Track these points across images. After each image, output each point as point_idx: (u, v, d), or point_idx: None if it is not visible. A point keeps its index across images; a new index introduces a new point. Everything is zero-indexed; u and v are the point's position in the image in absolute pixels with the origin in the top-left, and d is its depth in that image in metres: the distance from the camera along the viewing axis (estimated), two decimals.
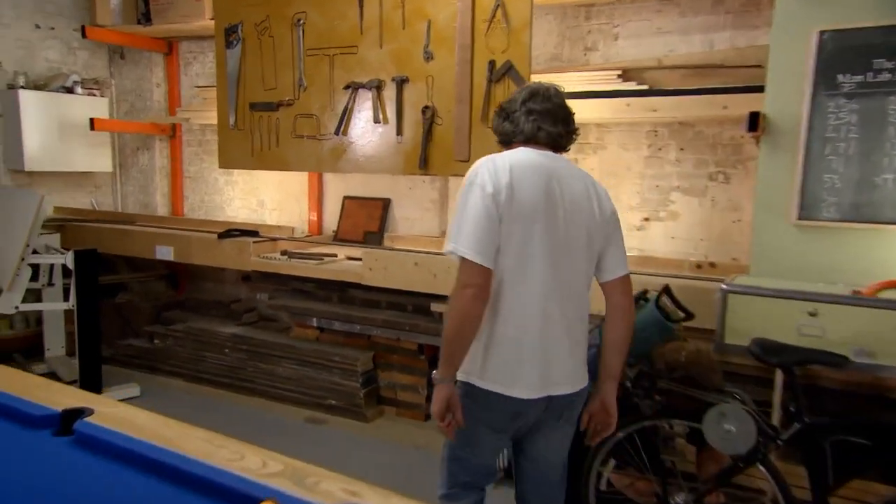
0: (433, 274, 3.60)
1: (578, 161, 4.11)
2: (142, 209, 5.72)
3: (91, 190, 5.68)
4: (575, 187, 1.87)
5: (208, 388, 4.53)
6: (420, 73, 3.75)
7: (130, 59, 5.63)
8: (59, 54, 5.40)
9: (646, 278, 3.22)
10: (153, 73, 5.55)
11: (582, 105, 3.69)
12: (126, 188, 5.80)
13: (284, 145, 4.23)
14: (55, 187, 5.45)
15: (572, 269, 1.85)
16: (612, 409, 1.96)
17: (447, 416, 1.80)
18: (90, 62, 5.58)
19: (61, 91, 5.17)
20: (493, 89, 3.55)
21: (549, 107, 1.92)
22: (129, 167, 5.76)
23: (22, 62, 5.17)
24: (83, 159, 5.30)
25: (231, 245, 4.23)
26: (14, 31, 5.14)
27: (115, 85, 5.69)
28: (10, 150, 5.06)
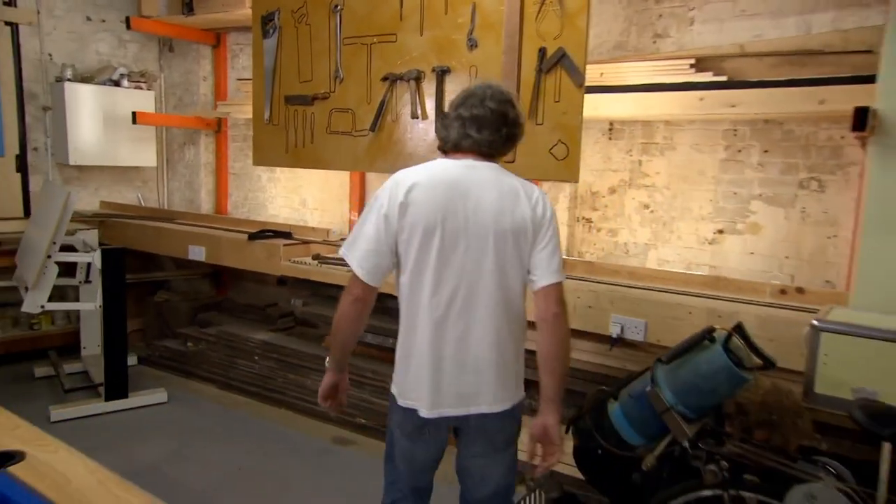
0: None
1: (642, 164, 3.61)
2: (187, 205, 5.59)
3: (138, 185, 5.59)
4: (486, 197, 1.80)
5: (238, 395, 4.31)
6: (463, 62, 3.35)
7: (179, 51, 5.50)
8: (110, 47, 5.33)
9: (715, 304, 2.71)
10: (200, 66, 5.40)
11: (647, 99, 3.21)
12: (172, 184, 5.68)
13: (319, 142, 3.93)
14: (103, 182, 5.39)
15: (483, 282, 1.79)
16: (553, 434, 1.83)
17: (329, 399, 2.01)
18: (140, 55, 5.49)
19: (108, 84, 5.09)
20: (543, 80, 3.11)
21: (479, 112, 1.84)
22: (175, 162, 5.65)
23: (73, 55, 5.11)
24: (129, 154, 5.20)
25: (261, 247, 3.97)
26: (65, 24, 5.08)
27: (165, 78, 5.57)
28: (58, 145, 5.01)
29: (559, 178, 3.14)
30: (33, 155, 4.98)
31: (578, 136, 3.04)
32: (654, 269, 3.29)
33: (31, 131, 4.93)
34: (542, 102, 3.12)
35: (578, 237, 3.91)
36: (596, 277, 3.22)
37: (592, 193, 3.83)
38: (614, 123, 3.71)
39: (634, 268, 3.31)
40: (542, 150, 3.13)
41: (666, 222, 3.59)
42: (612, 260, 3.76)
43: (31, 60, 4.91)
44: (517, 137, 1.92)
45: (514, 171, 3.02)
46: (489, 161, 1.88)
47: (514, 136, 1.90)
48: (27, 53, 4.88)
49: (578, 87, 3.02)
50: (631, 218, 3.71)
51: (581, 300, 2.97)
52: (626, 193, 3.70)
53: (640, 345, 2.89)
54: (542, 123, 3.13)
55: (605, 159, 3.76)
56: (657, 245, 3.63)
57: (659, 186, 3.59)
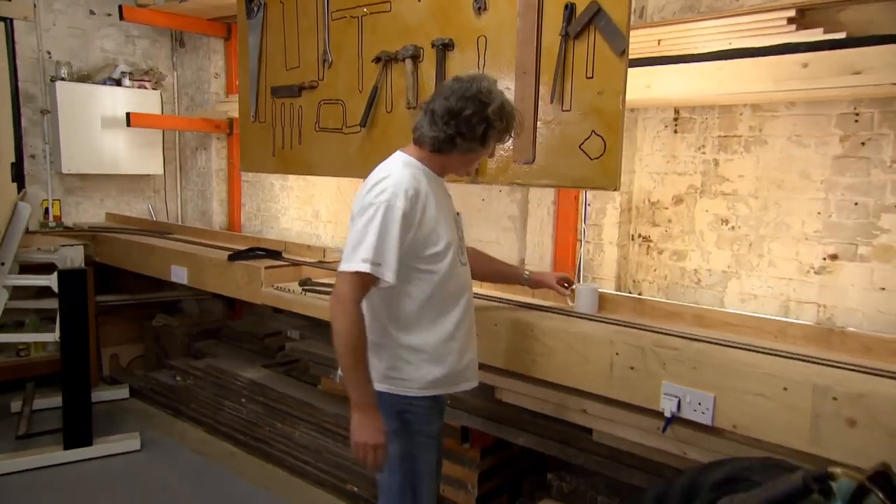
0: (493, 323, 2.37)
1: (719, 164, 2.66)
2: (199, 217, 5.04)
3: (149, 195, 5.10)
4: None
5: (224, 442, 3.66)
6: (469, 32, 2.53)
7: (190, 46, 4.96)
8: (116, 44, 4.86)
9: (828, 374, 1.76)
10: (212, 62, 4.83)
11: (725, 72, 2.26)
12: (186, 193, 5.16)
13: (308, 142, 3.22)
14: (109, 192, 4.93)
15: None
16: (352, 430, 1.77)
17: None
18: (151, 52, 5.00)
19: (109, 84, 4.61)
20: (570, 49, 2.24)
21: (433, 106, 1.82)
22: (188, 169, 5.12)
23: (75, 53, 4.67)
24: (133, 161, 4.70)
25: (242, 270, 3.30)
26: (66, 19, 4.65)
27: (178, 77, 5.06)
28: (57, 151, 4.57)
29: (592, 184, 2.26)
30: (30, 163, 4.55)
31: (619, 125, 2.15)
32: (732, 314, 2.31)
33: (28, 137, 4.51)
34: (570, 79, 2.25)
35: (633, 261, 2.98)
36: (645, 322, 2.30)
37: (651, 204, 2.90)
38: (680, 111, 2.77)
39: (702, 309, 2.35)
40: (570, 146, 2.26)
41: (753, 243, 2.62)
42: (678, 292, 2.82)
43: (27, 59, 4.50)
44: (446, 134, 1.80)
45: (532, 175, 2.16)
46: (420, 151, 1.86)
47: (451, 136, 1.80)
48: (23, 52, 4.46)
49: (619, 55, 2.13)
50: (704, 236, 2.76)
51: (620, 358, 2.07)
52: (698, 204, 2.76)
53: (706, 429, 1.96)
54: (568, 109, 2.26)
55: (669, 158, 2.82)
56: (740, 274, 2.66)
57: (743, 194, 2.62)
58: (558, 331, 2.22)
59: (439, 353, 1.86)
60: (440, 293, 1.84)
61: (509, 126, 1.85)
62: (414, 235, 1.76)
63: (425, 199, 1.79)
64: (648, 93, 2.36)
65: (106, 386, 4.38)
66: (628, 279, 3.01)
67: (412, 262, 1.79)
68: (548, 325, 2.27)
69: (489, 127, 1.79)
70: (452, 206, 2.01)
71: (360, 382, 1.75)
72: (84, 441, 3.37)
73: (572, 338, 2.18)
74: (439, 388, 1.89)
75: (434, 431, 1.95)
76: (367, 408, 1.75)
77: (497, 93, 1.81)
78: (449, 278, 1.84)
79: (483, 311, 2.44)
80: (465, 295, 1.92)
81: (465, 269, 1.95)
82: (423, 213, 1.78)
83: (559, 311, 2.47)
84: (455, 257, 1.86)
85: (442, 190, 1.93)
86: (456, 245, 1.88)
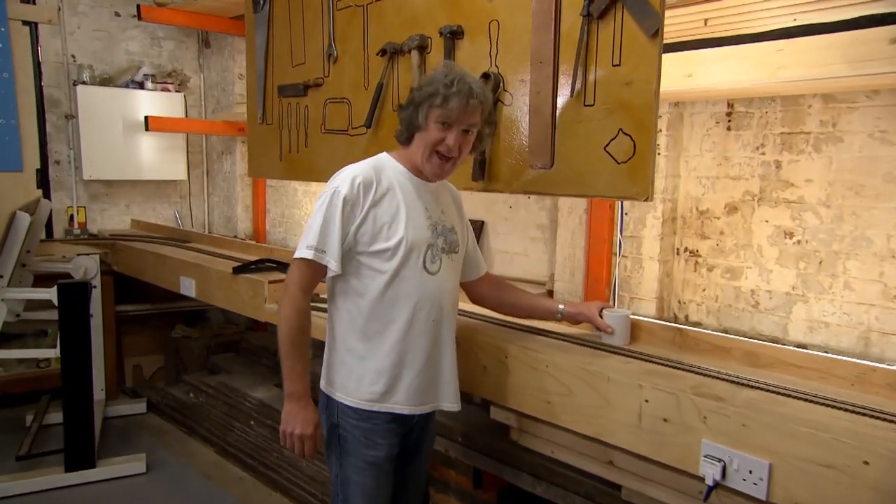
0: (504, 355, 2.03)
1: (781, 166, 2.24)
2: (224, 223, 4.87)
3: (176, 201, 4.96)
4: None
5: (234, 466, 3.43)
6: (479, 17, 2.19)
7: (216, 47, 4.80)
8: (142, 46, 4.74)
9: None
10: (236, 63, 4.65)
11: (790, 54, 1.85)
12: (212, 199, 5.00)
13: (314, 145, 2.94)
14: (134, 199, 4.81)
15: None
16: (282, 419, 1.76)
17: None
18: (177, 54, 4.86)
19: (131, 87, 4.48)
20: (593, 32, 1.87)
21: None
22: (214, 174, 4.96)
23: (99, 56, 4.57)
24: (156, 166, 4.57)
25: (246, 284, 3.05)
26: (90, 21, 4.55)
27: (204, 79, 4.90)
28: (80, 157, 4.47)
29: (619, 192, 1.87)
30: (55, 169, 4.47)
31: (652, 122, 1.77)
32: (796, 353, 1.86)
33: (52, 142, 4.43)
34: (594, 68, 1.88)
35: (678, 279, 2.57)
36: (683, 360, 1.90)
37: (700, 213, 2.49)
38: (735, 104, 2.35)
39: (757, 345, 1.92)
40: (593, 148, 1.90)
41: (824, 260, 2.18)
42: (731, 316, 2.40)
43: (52, 63, 4.41)
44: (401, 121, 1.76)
45: (550, 181, 1.81)
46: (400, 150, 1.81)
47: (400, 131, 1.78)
48: (48, 55, 4.39)
49: (651, 37, 1.75)
50: (763, 251, 2.33)
51: (651, 406, 1.68)
52: (756, 213, 2.34)
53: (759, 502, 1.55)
54: (592, 104, 1.89)
55: (721, 160, 2.41)
56: (807, 297, 2.22)
57: (811, 202, 2.19)
58: (577, 367, 1.85)
59: (380, 365, 1.73)
60: (390, 296, 1.70)
61: (445, 97, 1.63)
62: (360, 226, 1.68)
63: (384, 191, 1.70)
64: (690, 83, 1.97)
65: (125, 399, 4.25)
66: (672, 300, 2.60)
67: (360, 255, 1.70)
68: (565, 359, 1.91)
69: (417, 96, 1.68)
70: (441, 211, 1.80)
71: (295, 373, 1.70)
72: (86, 463, 3.20)
73: (593, 377, 1.81)
74: (373, 404, 1.74)
75: (371, 458, 1.77)
76: (299, 398, 1.71)
77: (450, 70, 1.70)
78: (400, 281, 1.70)
79: (489, 338, 2.09)
80: (422, 305, 1.73)
81: (432, 279, 1.73)
82: (376, 204, 1.68)
83: (581, 342, 2.10)
84: (414, 261, 1.71)
85: (423, 190, 1.78)
86: (420, 248, 1.72)
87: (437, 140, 1.68)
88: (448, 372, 1.84)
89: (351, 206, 1.66)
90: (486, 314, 2.43)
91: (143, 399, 4.15)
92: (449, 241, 1.80)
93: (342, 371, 1.77)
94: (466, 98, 1.64)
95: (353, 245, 1.69)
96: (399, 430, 1.81)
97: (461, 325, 2.26)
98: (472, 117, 1.68)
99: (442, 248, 1.77)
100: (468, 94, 1.64)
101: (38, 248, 3.87)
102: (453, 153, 1.70)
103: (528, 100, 2.05)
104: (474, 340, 2.12)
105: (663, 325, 2.10)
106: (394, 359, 1.73)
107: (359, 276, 1.71)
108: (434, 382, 1.81)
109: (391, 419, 1.77)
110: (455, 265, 1.84)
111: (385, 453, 1.79)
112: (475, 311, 2.47)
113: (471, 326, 2.27)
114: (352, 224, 1.67)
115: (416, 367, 1.76)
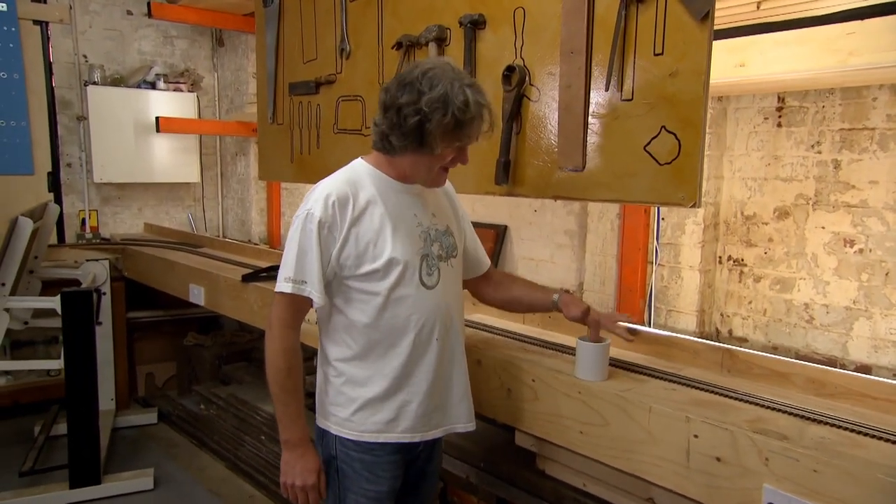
0: (531, 378, 1.82)
1: (840, 166, 2.01)
2: (239, 227, 4.73)
3: (189, 204, 4.83)
4: None
5: (245, 482, 3.26)
6: (503, 4, 1.99)
7: (230, 45, 4.66)
8: (154, 45, 4.62)
9: None
10: (250, 61, 4.50)
11: (852, 39, 1.63)
12: (227, 202, 4.86)
13: (326, 145, 2.77)
14: (147, 202, 4.69)
15: None
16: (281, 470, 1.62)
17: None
18: (190, 53, 4.73)
19: (143, 87, 4.35)
20: (632, 17, 1.66)
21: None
22: (228, 176, 4.82)
23: (111, 55, 4.45)
24: (169, 169, 4.44)
25: (256, 292, 2.89)
26: (102, 20, 4.44)
27: (218, 78, 4.76)
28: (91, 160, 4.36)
29: (662, 198, 1.66)
30: (67, 172, 4.37)
31: (701, 118, 1.55)
32: (873, 381, 1.61)
33: (64, 145, 4.32)
34: (632, 57, 1.67)
35: (720, 290, 2.35)
36: (737, 389, 1.67)
37: (746, 218, 2.26)
38: (786, 97, 2.12)
39: (823, 371, 1.68)
40: (632, 148, 1.69)
41: (891, 272, 1.95)
42: (782, 332, 2.17)
43: (63, 64, 4.31)
44: (388, 124, 1.48)
45: (582, 186, 1.60)
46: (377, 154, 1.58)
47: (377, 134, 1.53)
48: (59, 56, 4.29)
49: (701, 21, 1.54)
50: (818, 261, 2.10)
51: (701, 442, 1.47)
52: (810, 218, 2.11)
53: None
54: (630, 98, 1.68)
55: (770, 160, 2.18)
56: (871, 312, 1.99)
57: (876, 206, 1.96)
58: (614, 395, 1.64)
59: (382, 393, 1.56)
60: (387, 319, 1.54)
61: (462, 122, 1.41)
62: (342, 249, 1.50)
63: (363, 206, 1.51)
64: (742, 73, 1.75)
65: (137, 409, 4.11)
66: (714, 313, 2.38)
67: (348, 280, 1.53)
68: (600, 385, 1.70)
69: (424, 120, 1.41)
70: (431, 213, 1.61)
71: (288, 418, 1.55)
72: (91, 479, 3.06)
73: (633, 406, 1.60)
74: (377, 435, 1.58)
75: (373, 493, 1.61)
76: (296, 445, 1.57)
77: (446, 80, 1.41)
78: (396, 302, 1.53)
79: (514, 359, 1.89)
80: (423, 323, 1.56)
81: (430, 293, 1.57)
82: (356, 223, 1.50)
83: (620, 364, 1.89)
84: (409, 278, 1.53)
85: (409, 194, 1.58)
86: (414, 262, 1.54)
87: (451, 162, 1.52)
88: (459, 389, 1.67)
89: (328, 229, 1.48)
90: (511, 329, 2.23)
91: (154, 409, 4.01)
92: (445, 246, 1.62)
93: (339, 402, 1.60)
94: (483, 120, 1.46)
95: (338, 270, 1.52)
96: (403, 461, 1.65)
97: (482, 342, 2.07)
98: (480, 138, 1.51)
99: (438, 257, 1.59)
100: (485, 116, 1.46)
101: (48, 253, 3.76)
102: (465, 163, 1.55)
103: (557, 95, 1.85)
104: (497, 360, 1.92)
105: (710, 345, 1.88)
106: (398, 385, 1.56)
107: (350, 302, 1.55)
108: (444, 403, 1.65)
109: (396, 449, 1.61)
110: (455, 271, 1.66)
111: (388, 487, 1.63)
112: (497, 326, 2.27)
113: (493, 343, 2.08)
114: (332, 248, 1.49)
115: (422, 391, 1.59)
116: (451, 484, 2.52)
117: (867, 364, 1.99)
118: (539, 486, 2.03)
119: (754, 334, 2.28)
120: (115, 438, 3.69)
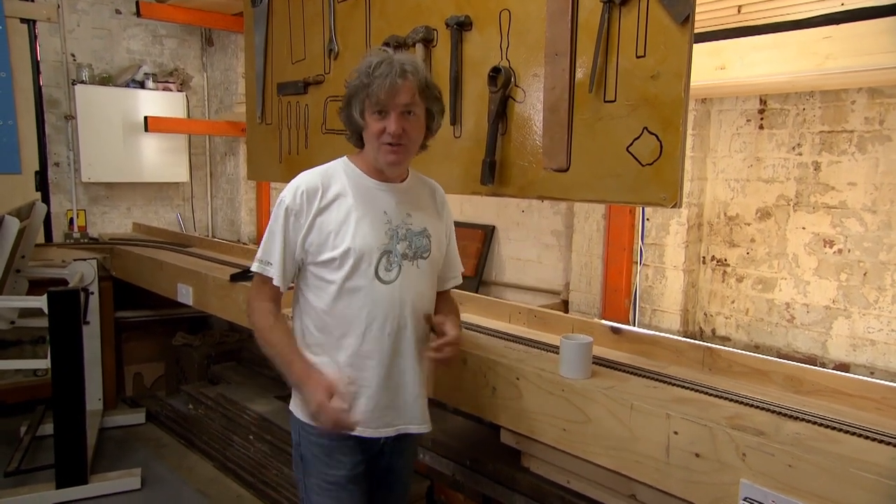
0: (515, 376, 1.84)
1: (821, 168, 2.05)
2: (228, 227, 4.73)
3: (178, 204, 4.82)
4: None
5: (233, 482, 3.26)
6: (489, 6, 2.02)
7: (219, 45, 4.65)
8: (143, 44, 4.60)
9: None
10: (239, 61, 4.50)
11: (833, 43, 1.66)
12: (216, 201, 4.85)
13: (314, 146, 2.78)
14: (135, 201, 4.68)
15: None
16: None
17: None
18: (179, 52, 4.72)
19: (132, 86, 4.34)
20: (615, 19, 1.69)
21: None
22: (217, 176, 4.81)
23: (100, 55, 4.44)
24: (157, 168, 4.43)
25: (243, 292, 2.89)
26: (90, 19, 4.42)
27: (208, 78, 4.76)
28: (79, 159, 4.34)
29: (644, 198, 1.68)
30: (55, 171, 4.35)
31: (681, 119, 1.58)
32: (849, 379, 1.64)
33: (51, 144, 4.30)
34: (615, 60, 1.69)
35: (704, 290, 2.38)
36: (717, 386, 1.70)
37: (729, 219, 2.29)
38: (768, 100, 2.16)
39: (801, 369, 1.71)
40: (614, 148, 1.71)
41: (869, 272, 1.98)
42: (764, 331, 2.20)
43: (51, 63, 4.29)
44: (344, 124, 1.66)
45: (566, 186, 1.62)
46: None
47: None
48: (47, 54, 4.27)
49: (681, 24, 1.56)
50: (799, 261, 2.13)
51: (681, 438, 1.50)
52: (791, 219, 2.14)
53: None
54: (613, 99, 1.71)
55: (752, 162, 2.21)
56: (850, 311, 2.02)
57: (855, 208, 1.99)
58: (596, 392, 1.67)
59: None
60: (339, 308, 1.59)
61: (368, 84, 1.51)
62: (307, 235, 1.58)
63: (332, 197, 1.58)
64: (722, 76, 1.78)
65: (124, 409, 4.10)
66: (698, 312, 2.41)
67: (310, 266, 1.61)
68: (583, 383, 1.72)
69: (350, 96, 1.57)
70: (406, 213, 1.64)
71: (284, 366, 1.60)
72: (78, 479, 3.05)
73: (614, 404, 1.62)
74: None
75: (332, 478, 1.63)
76: (298, 385, 1.60)
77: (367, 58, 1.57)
78: (349, 292, 1.57)
79: (499, 357, 1.91)
80: (374, 316, 1.59)
81: (385, 288, 1.60)
82: (322, 212, 1.57)
83: (603, 363, 1.91)
84: (364, 269, 1.57)
85: (384, 192, 1.63)
86: (372, 256, 1.58)
87: (379, 131, 1.55)
88: (411, 390, 1.67)
89: (295, 216, 1.58)
90: (496, 328, 2.25)
91: (142, 409, 4.00)
92: (415, 246, 1.64)
93: None
94: (392, 79, 1.50)
95: (304, 256, 1.61)
96: (363, 449, 1.66)
97: (467, 341, 2.08)
98: (404, 97, 1.52)
99: (403, 255, 1.62)
100: (393, 74, 1.50)
101: (36, 252, 3.75)
102: (401, 140, 1.55)
103: (542, 96, 1.87)
104: (482, 359, 1.94)
105: (692, 343, 1.91)
106: (347, 376, 1.59)
107: (311, 288, 1.63)
108: (396, 402, 1.65)
109: (350, 436, 1.62)
110: (422, 272, 1.66)
111: (347, 472, 1.64)
112: (482, 325, 2.30)
113: (478, 342, 2.10)
114: (298, 234, 1.58)
115: (371, 386, 1.61)
116: (438, 481, 2.54)
117: (846, 362, 2.02)
118: (524, 484, 2.05)
119: (737, 333, 2.31)
120: (103, 438, 3.68)
